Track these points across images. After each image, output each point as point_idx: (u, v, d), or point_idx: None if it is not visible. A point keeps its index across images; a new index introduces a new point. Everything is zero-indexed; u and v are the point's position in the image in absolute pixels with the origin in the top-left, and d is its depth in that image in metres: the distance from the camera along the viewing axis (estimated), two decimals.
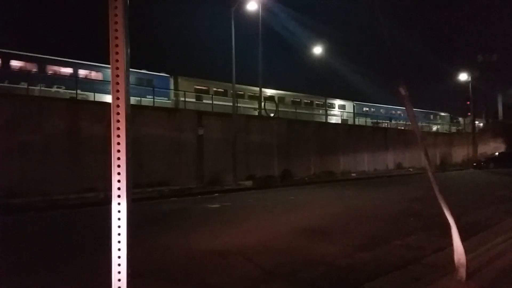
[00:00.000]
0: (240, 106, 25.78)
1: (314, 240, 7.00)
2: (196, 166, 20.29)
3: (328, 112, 35.00)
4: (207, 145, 20.75)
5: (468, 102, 45.75)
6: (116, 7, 1.81)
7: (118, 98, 1.71)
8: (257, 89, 27.75)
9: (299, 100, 34.13)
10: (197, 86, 27.91)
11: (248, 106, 28.41)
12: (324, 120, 32.73)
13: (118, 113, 1.70)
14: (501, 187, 17.48)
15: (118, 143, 1.70)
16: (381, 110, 42.84)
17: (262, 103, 26.87)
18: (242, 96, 28.65)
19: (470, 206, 10.88)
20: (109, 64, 1.82)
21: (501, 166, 34.76)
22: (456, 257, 4.02)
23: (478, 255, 5.06)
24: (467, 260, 4.02)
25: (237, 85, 28.99)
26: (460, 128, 49.65)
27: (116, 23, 1.81)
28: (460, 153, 42.56)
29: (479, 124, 51.81)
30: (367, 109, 41.18)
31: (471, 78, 43.88)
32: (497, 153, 39.93)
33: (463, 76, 44.53)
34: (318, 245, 6.60)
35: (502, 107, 57.11)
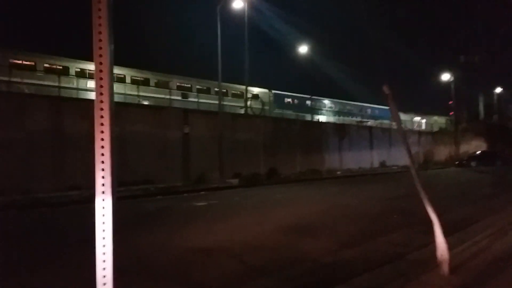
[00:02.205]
0: (225, 105, 25.47)
1: (300, 237, 7.04)
2: (182, 164, 20.18)
3: (232, 101, 29.03)
4: (193, 143, 20.66)
5: (451, 102, 46.62)
6: (99, 2, 1.79)
7: (101, 94, 1.69)
8: (241, 87, 27.65)
9: (204, 87, 29.07)
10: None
11: (232, 104, 28.13)
12: (245, 112, 32.46)
13: (101, 109, 1.68)
14: (482, 185, 17.89)
15: (102, 139, 1.68)
16: (308, 102, 36.37)
17: (249, 102, 26.89)
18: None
19: (453, 203, 11.09)
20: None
21: (483, 165, 35.59)
22: (439, 253, 4.11)
23: (461, 251, 5.17)
24: (450, 256, 4.11)
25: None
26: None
27: (99, 17, 1.79)
28: (443, 152, 43.36)
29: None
30: (290, 100, 35.56)
31: (453, 78, 44.71)
32: (478, 152, 40.83)
33: (446, 76, 45.33)
34: (304, 242, 6.64)
35: (483, 107, 58.36)
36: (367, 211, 10.34)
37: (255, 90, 31.81)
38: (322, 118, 35.37)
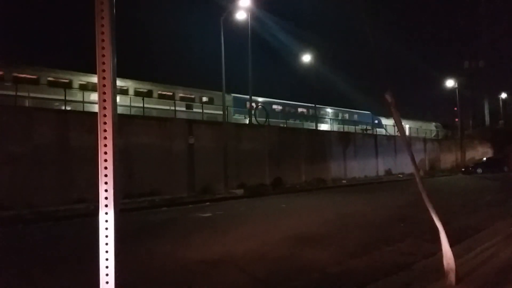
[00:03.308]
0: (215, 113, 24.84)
1: (306, 248, 7.00)
2: (187, 175, 20.19)
3: (190, 107, 26.76)
4: (198, 154, 20.69)
5: (456, 108, 46.46)
6: (102, 18, 1.82)
7: (105, 108, 1.71)
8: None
9: (170, 93, 26.92)
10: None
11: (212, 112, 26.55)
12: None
13: (105, 123, 1.70)
14: (489, 192, 17.71)
15: (105, 152, 1.69)
16: (276, 107, 33.01)
17: (253, 111, 26.91)
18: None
19: (459, 211, 10.99)
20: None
21: (489, 171, 35.28)
22: (445, 262, 4.06)
23: (467, 259, 5.11)
24: (457, 265, 4.06)
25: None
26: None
27: (102, 33, 1.82)
28: (449, 159, 43.06)
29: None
30: (253, 104, 30.84)
31: (458, 85, 44.60)
32: (484, 159, 40.52)
33: (450, 83, 45.22)
34: (310, 253, 6.60)
35: (489, 113, 58.06)
36: (373, 220, 10.26)
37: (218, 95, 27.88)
38: (293, 124, 31.97)
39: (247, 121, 27.59)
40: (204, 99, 28.56)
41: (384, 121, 41.14)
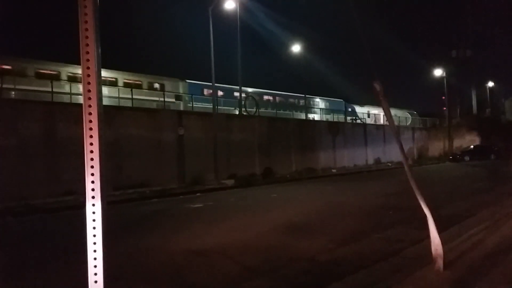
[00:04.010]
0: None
1: (296, 237, 7.06)
2: (178, 166, 20.12)
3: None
4: (188, 145, 20.61)
5: (444, 97, 46.90)
6: (85, 6, 1.78)
7: (90, 98, 1.68)
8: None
9: (113, 79, 23.93)
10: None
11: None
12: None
13: (90, 113, 1.68)
14: (476, 180, 18.02)
15: (91, 144, 1.67)
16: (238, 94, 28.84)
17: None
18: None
19: (447, 198, 11.17)
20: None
21: (476, 159, 35.85)
22: (433, 248, 4.13)
23: (455, 245, 5.20)
24: (444, 251, 4.13)
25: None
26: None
27: (86, 22, 1.78)
28: (437, 147, 43.58)
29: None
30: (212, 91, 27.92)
31: (445, 74, 44.96)
32: (472, 146, 41.11)
33: (438, 72, 45.55)
34: (300, 241, 6.66)
35: (476, 102, 58.78)
36: (363, 208, 10.38)
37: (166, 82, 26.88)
38: (270, 114, 30.09)
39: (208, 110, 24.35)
40: (156, 85, 26.18)
41: (358, 109, 40.50)
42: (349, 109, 39.73)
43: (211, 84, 25.66)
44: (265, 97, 33.62)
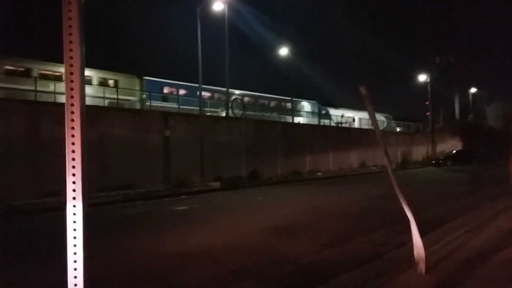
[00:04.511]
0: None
1: (282, 239, 7.06)
2: (163, 168, 19.94)
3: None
4: (174, 146, 20.45)
5: (427, 102, 47.66)
6: (70, 3, 1.75)
7: (72, 97, 1.65)
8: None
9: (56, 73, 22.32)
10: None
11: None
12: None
13: (72, 112, 1.64)
14: (458, 184, 18.34)
15: (73, 143, 1.63)
16: (204, 93, 27.01)
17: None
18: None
19: (429, 202, 11.33)
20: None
21: (458, 164, 36.52)
22: (415, 252, 4.18)
23: (437, 249, 5.28)
24: (426, 255, 4.19)
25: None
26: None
27: (70, 19, 1.75)
28: (420, 152, 44.23)
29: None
30: (173, 89, 27.84)
31: (429, 79, 45.73)
32: (454, 151, 41.88)
33: (422, 77, 46.30)
34: (285, 244, 6.66)
35: (459, 107, 60.01)
36: (347, 211, 10.45)
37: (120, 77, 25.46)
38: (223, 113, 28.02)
39: (170, 110, 23.53)
40: (110, 82, 24.77)
41: (332, 111, 39.77)
42: (323, 111, 39.12)
43: (172, 81, 25.64)
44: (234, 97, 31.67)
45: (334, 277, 4.37)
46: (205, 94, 28.68)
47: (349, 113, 41.86)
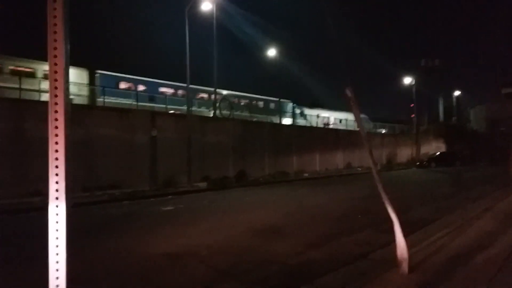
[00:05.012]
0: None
1: (268, 240, 7.08)
2: (150, 168, 19.78)
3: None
4: (161, 146, 20.30)
5: (412, 105, 48.36)
6: (55, 1, 1.73)
7: (56, 96, 1.63)
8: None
9: None
10: None
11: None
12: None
13: (56, 111, 1.63)
14: (441, 185, 18.64)
15: (56, 143, 1.62)
16: (165, 89, 27.52)
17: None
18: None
19: (413, 203, 11.50)
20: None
21: (442, 165, 37.15)
22: (399, 252, 4.24)
23: (420, 249, 5.36)
24: (409, 255, 4.25)
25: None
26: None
27: (55, 17, 1.73)
28: (405, 153, 44.80)
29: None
30: (130, 85, 25.91)
31: (414, 82, 46.38)
32: (438, 153, 42.57)
33: (408, 80, 46.93)
34: (271, 244, 6.68)
35: (443, 110, 61.07)
36: (333, 211, 10.53)
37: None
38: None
39: (126, 106, 21.88)
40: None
41: (308, 111, 38.53)
42: (298, 111, 37.95)
43: (129, 76, 24.15)
44: (202, 95, 30.48)
45: (319, 277, 4.41)
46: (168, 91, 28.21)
47: (324, 113, 41.17)
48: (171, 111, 24.60)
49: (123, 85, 25.49)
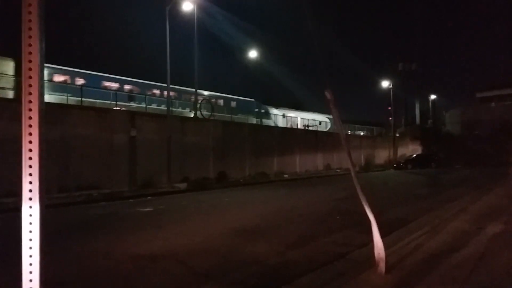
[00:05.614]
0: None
1: (248, 240, 7.07)
2: (129, 169, 19.47)
3: None
4: (141, 146, 20.03)
5: (390, 108, 49.30)
6: None
7: (30, 94, 1.59)
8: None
9: None
10: None
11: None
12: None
13: (30, 109, 1.58)
14: (417, 186, 19.07)
15: (30, 142, 1.57)
16: (109, 84, 25.52)
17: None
18: None
19: (390, 204, 11.72)
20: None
21: (418, 167, 38.03)
22: (376, 252, 4.31)
23: (397, 249, 5.47)
24: (387, 255, 4.33)
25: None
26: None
27: (30, 13, 1.69)
28: (382, 155, 45.61)
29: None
30: (66, 77, 23.81)
31: (392, 85, 47.31)
32: (414, 155, 43.53)
33: (385, 84, 47.83)
34: (251, 245, 6.67)
35: (419, 113, 62.52)
36: (312, 212, 10.62)
37: None
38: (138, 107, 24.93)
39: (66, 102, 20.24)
40: None
41: (273, 111, 37.84)
42: (262, 110, 36.76)
43: (66, 68, 22.11)
44: (154, 91, 28.80)
45: (298, 277, 4.43)
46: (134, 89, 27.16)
47: (291, 113, 40.45)
48: (143, 111, 23.65)
49: (57, 78, 23.16)
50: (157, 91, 28.81)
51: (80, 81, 23.82)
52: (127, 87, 27.06)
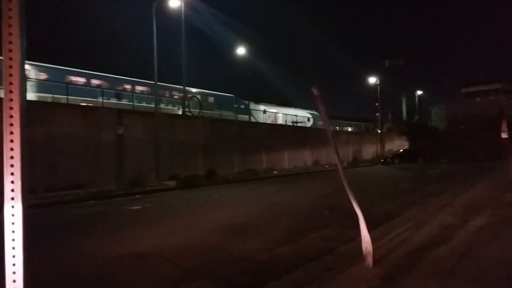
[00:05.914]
0: None
1: (237, 237, 7.08)
2: (116, 167, 19.29)
3: None
4: (128, 144, 19.84)
5: (377, 104, 49.72)
6: None
7: (11, 92, 1.56)
8: None
9: None
10: None
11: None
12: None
13: (11, 108, 1.55)
14: (404, 181, 19.31)
15: (12, 141, 1.54)
16: (77, 79, 24.10)
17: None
18: None
19: (378, 198, 11.86)
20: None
21: (405, 162, 38.51)
22: (363, 246, 4.36)
23: (384, 243, 5.54)
24: (374, 249, 4.39)
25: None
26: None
27: (10, 9, 1.65)
28: (370, 150, 46.04)
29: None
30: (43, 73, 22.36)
31: (379, 81, 47.72)
32: (401, 150, 44.06)
33: (372, 80, 48.22)
34: (240, 242, 6.69)
35: (406, 108, 63.23)
36: (301, 208, 10.68)
37: None
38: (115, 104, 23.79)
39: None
40: None
41: (253, 106, 36.84)
42: (242, 106, 35.72)
43: (46, 65, 20.97)
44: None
45: (286, 273, 4.46)
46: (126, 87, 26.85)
47: (272, 109, 39.83)
48: (130, 108, 23.30)
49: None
50: (128, 86, 27.88)
51: (42, 76, 22.41)
52: (94, 81, 25.72)
